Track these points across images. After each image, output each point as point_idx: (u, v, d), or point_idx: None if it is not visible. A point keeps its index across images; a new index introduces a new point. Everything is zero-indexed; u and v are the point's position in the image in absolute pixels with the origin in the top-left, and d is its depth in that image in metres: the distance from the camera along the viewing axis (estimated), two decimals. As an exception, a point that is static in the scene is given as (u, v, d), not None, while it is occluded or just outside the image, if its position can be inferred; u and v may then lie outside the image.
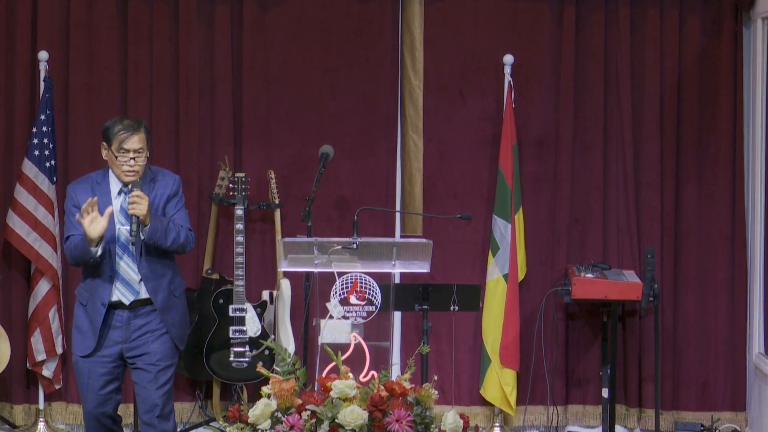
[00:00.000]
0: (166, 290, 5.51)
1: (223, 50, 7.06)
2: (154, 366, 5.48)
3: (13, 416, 7.07)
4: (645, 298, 6.51)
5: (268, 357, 6.79)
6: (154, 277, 5.47)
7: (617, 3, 7.04)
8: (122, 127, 5.42)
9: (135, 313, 5.47)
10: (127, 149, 5.40)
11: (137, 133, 5.42)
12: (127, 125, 5.43)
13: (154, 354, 5.49)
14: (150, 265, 5.47)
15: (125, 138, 5.40)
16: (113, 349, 5.48)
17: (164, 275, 5.51)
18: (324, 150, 6.54)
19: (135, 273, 5.45)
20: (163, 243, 5.42)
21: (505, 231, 6.89)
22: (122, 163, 5.42)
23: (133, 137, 5.41)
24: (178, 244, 5.47)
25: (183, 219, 5.54)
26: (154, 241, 5.39)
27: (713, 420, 7.08)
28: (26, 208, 6.81)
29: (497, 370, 6.90)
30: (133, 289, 5.46)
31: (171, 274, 5.55)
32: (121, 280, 5.44)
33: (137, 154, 5.42)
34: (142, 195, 5.35)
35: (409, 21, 7.09)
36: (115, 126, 5.44)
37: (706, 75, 7.10)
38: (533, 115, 7.13)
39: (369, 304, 5.36)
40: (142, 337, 5.49)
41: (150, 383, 5.48)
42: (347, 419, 4.84)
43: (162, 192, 5.51)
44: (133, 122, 5.46)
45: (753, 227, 7.04)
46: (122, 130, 5.41)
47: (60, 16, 7.02)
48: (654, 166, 7.09)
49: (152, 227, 5.35)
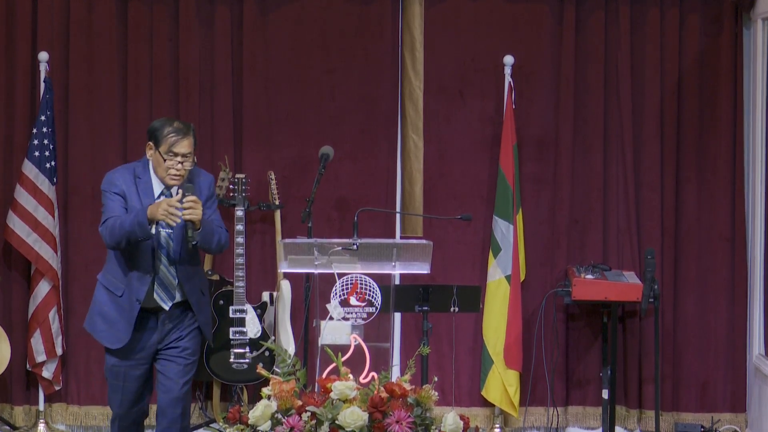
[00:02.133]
0: (198, 291, 5.50)
1: (223, 51, 7.06)
2: (183, 359, 5.46)
3: (13, 417, 7.06)
4: (645, 299, 6.51)
5: (269, 358, 6.79)
6: (188, 278, 5.44)
7: (617, 3, 7.04)
8: (173, 129, 5.30)
9: (166, 315, 5.44)
10: (177, 152, 5.30)
11: (187, 137, 5.31)
12: (177, 128, 5.31)
13: (185, 347, 5.46)
14: (185, 268, 5.43)
15: (175, 141, 5.29)
16: (149, 351, 5.46)
17: (195, 275, 5.49)
18: (324, 151, 6.54)
19: (173, 277, 5.40)
20: (210, 246, 5.40)
21: (507, 232, 6.88)
22: (169, 167, 5.31)
23: (183, 141, 5.29)
24: (220, 246, 5.47)
25: (219, 220, 5.52)
26: (204, 244, 5.35)
27: (713, 421, 7.08)
28: (26, 209, 6.81)
29: (500, 371, 6.89)
30: (170, 293, 5.41)
31: (200, 273, 5.56)
32: (159, 283, 5.39)
33: (185, 158, 5.31)
34: (197, 200, 5.26)
35: (409, 21, 7.09)
36: (165, 128, 5.32)
37: (706, 75, 7.10)
38: (533, 115, 7.13)
39: (369, 305, 5.37)
40: (175, 331, 5.46)
41: (177, 375, 5.44)
42: (347, 420, 4.84)
43: (201, 193, 5.43)
44: (183, 125, 5.35)
45: (753, 228, 7.03)
46: (173, 132, 5.29)
47: (60, 16, 7.02)
48: (654, 166, 7.09)
49: (203, 231, 5.30)
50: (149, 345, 5.46)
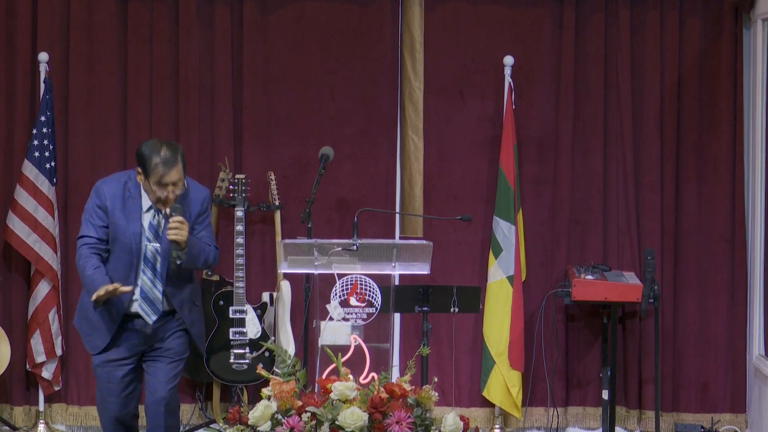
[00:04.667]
0: (189, 302, 5.48)
1: (224, 52, 7.06)
2: (167, 358, 5.46)
3: (13, 418, 7.06)
4: (645, 299, 6.51)
5: (268, 359, 6.79)
6: (178, 292, 5.43)
7: (617, 4, 7.05)
8: (160, 160, 5.23)
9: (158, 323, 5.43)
10: (166, 183, 5.27)
11: (175, 167, 5.25)
12: (165, 158, 5.23)
13: (169, 347, 5.46)
14: (175, 283, 5.42)
15: (164, 173, 5.24)
16: (133, 352, 5.45)
17: (186, 287, 5.47)
18: (324, 151, 6.54)
19: (159, 292, 5.38)
20: (196, 265, 5.41)
21: (508, 233, 6.88)
22: (160, 196, 5.29)
23: (172, 171, 5.25)
24: (207, 264, 5.47)
25: (209, 237, 5.48)
26: (188, 264, 5.34)
27: (713, 422, 7.08)
28: (26, 210, 6.80)
29: (503, 372, 6.89)
30: (155, 307, 5.39)
31: (192, 284, 5.53)
32: (144, 297, 5.38)
33: (175, 186, 5.28)
34: (183, 221, 5.26)
35: (409, 22, 7.09)
36: (153, 157, 5.24)
37: (706, 76, 7.10)
38: (533, 116, 7.13)
39: (369, 305, 5.36)
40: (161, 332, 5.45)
41: (163, 375, 5.44)
42: (347, 421, 4.84)
43: (193, 208, 5.42)
44: (170, 154, 5.25)
45: (753, 228, 7.03)
46: (161, 164, 5.23)
47: (60, 17, 7.02)
48: (654, 167, 7.09)
49: (189, 252, 5.29)
50: (134, 346, 5.44)
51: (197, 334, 5.54)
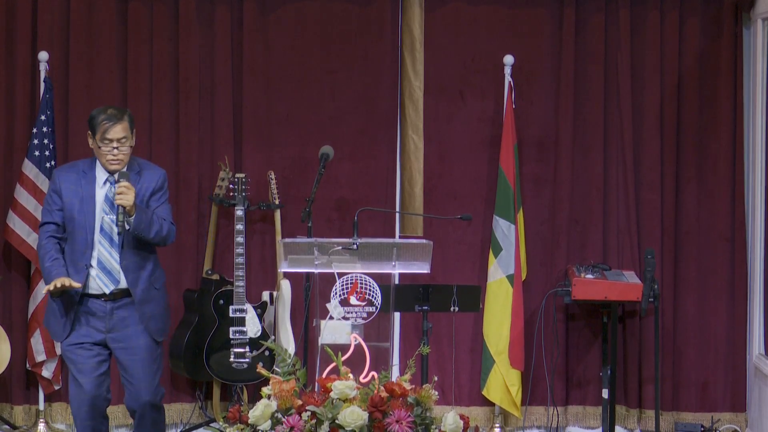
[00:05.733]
0: (146, 282, 5.54)
1: (224, 51, 7.06)
2: (139, 361, 5.53)
3: (13, 417, 7.07)
4: (645, 298, 6.51)
5: (269, 358, 6.79)
6: (134, 268, 5.51)
7: (617, 4, 7.05)
8: (105, 117, 5.44)
9: (116, 303, 5.50)
10: (111, 139, 5.43)
11: (120, 123, 5.44)
12: (110, 114, 5.44)
13: (138, 349, 5.53)
14: (132, 256, 5.50)
15: (108, 128, 5.42)
16: (96, 337, 5.51)
17: (144, 267, 5.54)
18: (324, 151, 6.54)
19: (116, 262, 5.48)
20: (146, 235, 5.46)
21: (508, 232, 6.88)
22: (105, 153, 5.45)
23: (116, 126, 5.43)
24: (160, 237, 5.51)
25: (166, 212, 5.58)
26: (138, 232, 5.42)
27: (713, 421, 7.08)
28: (26, 209, 6.81)
29: (503, 371, 6.89)
30: (113, 277, 5.49)
31: (152, 266, 5.58)
32: (101, 268, 5.48)
33: (120, 143, 5.45)
34: (129, 186, 5.39)
35: (409, 22, 7.09)
36: (99, 116, 5.46)
37: (707, 76, 7.10)
38: (533, 116, 7.13)
39: (369, 304, 5.36)
40: (126, 330, 5.51)
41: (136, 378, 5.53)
42: (347, 420, 4.84)
43: (147, 185, 5.54)
44: (116, 111, 5.48)
45: (753, 228, 7.03)
46: (105, 119, 5.43)
47: (60, 16, 7.02)
48: (654, 166, 7.09)
49: (137, 218, 5.40)
50: (95, 330, 5.50)
51: (156, 329, 5.57)
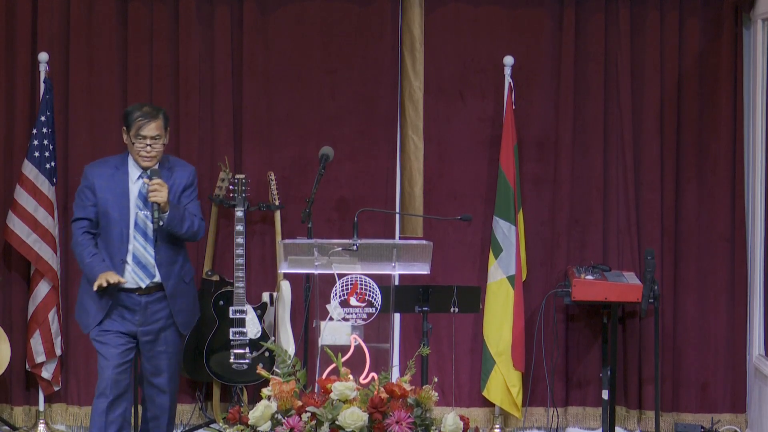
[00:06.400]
0: (177, 276, 5.71)
1: (223, 51, 7.06)
2: (164, 353, 5.72)
3: (13, 418, 7.06)
4: (645, 299, 6.51)
5: (268, 359, 6.78)
6: (167, 262, 5.67)
7: (617, 4, 7.04)
8: (141, 114, 5.59)
9: (150, 297, 5.66)
10: (144, 135, 5.58)
11: (155, 120, 5.59)
12: (145, 112, 5.59)
13: (164, 341, 5.72)
14: (165, 251, 5.66)
15: (142, 124, 5.57)
16: (129, 328, 5.67)
17: (176, 261, 5.72)
18: (324, 151, 6.54)
19: (151, 257, 5.64)
20: (178, 230, 5.61)
21: (508, 233, 6.87)
22: (139, 149, 5.58)
23: (151, 124, 5.58)
24: (192, 232, 5.67)
25: (196, 209, 5.74)
26: (171, 227, 5.58)
27: (713, 422, 7.08)
28: (26, 210, 6.80)
29: (503, 372, 6.89)
30: (148, 272, 5.65)
31: (182, 260, 5.76)
32: (136, 262, 5.63)
33: (154, 140, 5.59)
34: (162, 183, 5.54)
35: (409, 22, 7.09)
36: (135, 112, 5.61)
37: (707, 76, 7.10)
38: (533, 116, 7.13)
39: (369, 305, 5.36)
40: (157, 323, 5.70)
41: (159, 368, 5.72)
42: (347, 421, 4.84)
43: (179, 182, 5.70)
44: (152, 109, 5.63)
45: (753, 228, 7.03)
46: (141, 116, 5.58)
47: (60, 17, 7.02)
48: (654, 167, 7.09)
49: (170, 215, 5.55)
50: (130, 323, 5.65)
51: (182, 323, 5.75)
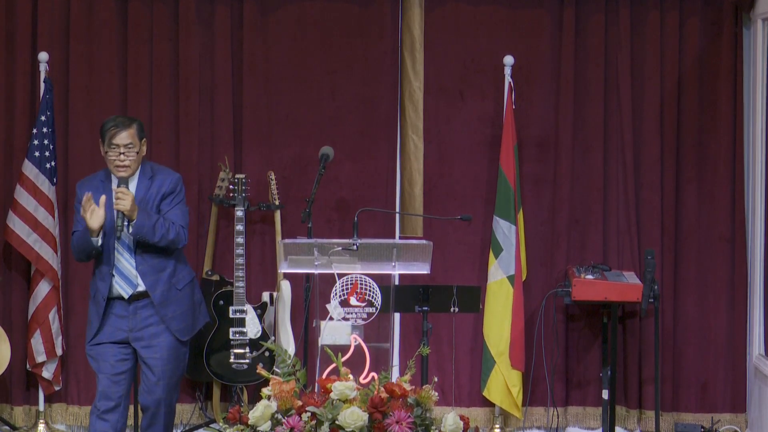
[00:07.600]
0: (166, 284, 5.64)
1: (224, 51, 7.06)
2: (159, 359, 5.65)
3: (13, 418, 7.06)
4: (645, 299, 6.51)
5: (268, 358, 6.79)
6: (152, 271, 5.62)
7: (617, 5, 7.04)
8: (113, 123, 5.59)
9: (139, 303, 5.62)
10: (117, 144, 5.56)
11: (126, 129, 5.57)
12: (118, 122, 5.59)
13: (159, 347, 5.65)
14: (147, 260, 5.61)
15: (115, 133, 5.56)
16: (119, 336, 5.64)
17: (164, 269, 5.65)
18: (324, 151, 6.54)
19: (133, 267, 5.60)
20: (150, 238, 5.54)
21: (509, 232, 6.87)
22: (113, 159, 5.58)
23: (122, 133, 5.56)
24: (167, 240, 5.58)
25: (177, 216, 5.65)
26: (140, 236, 5.53)
27: (713, 421, 7.08)
28: (26, 210, 6.81)
29: (503, 372, 6.89)
30: (131, 282, 5.61)
31: (172, 267, 5.68)
32: (120, 274, 5.61)
33: (127, 149, 5.57)
34: (125, 191, 5.50)
35: (409, 22, 7.09)
36: (107, 123, 5.61)
37: (707, 76, 7.10)
38: (533, 116, 7.13)
39: (369, 305, 5.36)
40: (148, 328, 5.65)
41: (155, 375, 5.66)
42: (347, 421, 4.84)
43: (158, 189, 5.65)
44: (124, 119, 5.63)
45: (753, 228, 7.03)
46: (113, 126, 5.57)
47: (60, 17, 7.02)
48: (654, 167, 7.09)
49: (138, 223, 5.50)
50: (119, 330, 5.63)
51: (178, 329, 5.68)
